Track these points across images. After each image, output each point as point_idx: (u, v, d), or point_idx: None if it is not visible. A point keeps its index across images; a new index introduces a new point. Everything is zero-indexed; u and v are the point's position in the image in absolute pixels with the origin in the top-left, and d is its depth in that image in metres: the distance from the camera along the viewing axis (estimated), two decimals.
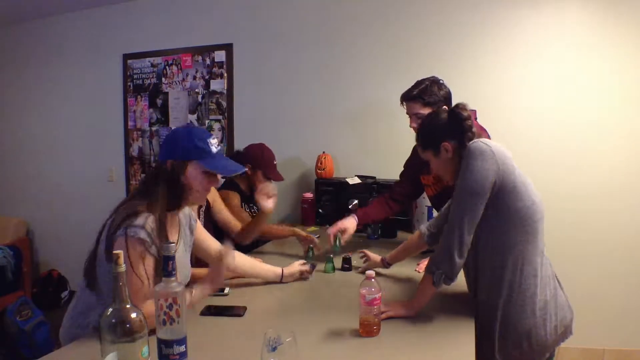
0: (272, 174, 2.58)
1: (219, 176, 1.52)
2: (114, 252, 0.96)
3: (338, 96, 3.23)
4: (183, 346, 1.05)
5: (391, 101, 3.11)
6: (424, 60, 3.01)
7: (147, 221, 1.32)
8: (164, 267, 1.06)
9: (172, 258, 1.06)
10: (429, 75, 2.97)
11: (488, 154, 1.34)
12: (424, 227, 1.77)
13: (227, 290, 1.72)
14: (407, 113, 2.12)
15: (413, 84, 2.12)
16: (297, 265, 1.87)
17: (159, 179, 1.39)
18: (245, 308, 1.54)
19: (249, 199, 2.68)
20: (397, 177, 2.95)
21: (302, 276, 1.88)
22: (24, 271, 3.86)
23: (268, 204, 2.02)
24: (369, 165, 3.13)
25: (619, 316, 2.68)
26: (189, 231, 1.60)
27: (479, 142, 1.38)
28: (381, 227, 2.63)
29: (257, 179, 2.57)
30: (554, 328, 1.40)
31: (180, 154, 1.40)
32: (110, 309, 0.96)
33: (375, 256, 1.97)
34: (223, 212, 2.28)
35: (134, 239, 1.28)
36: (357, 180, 2.93)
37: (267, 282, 1.86)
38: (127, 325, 0.96)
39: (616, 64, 2.67)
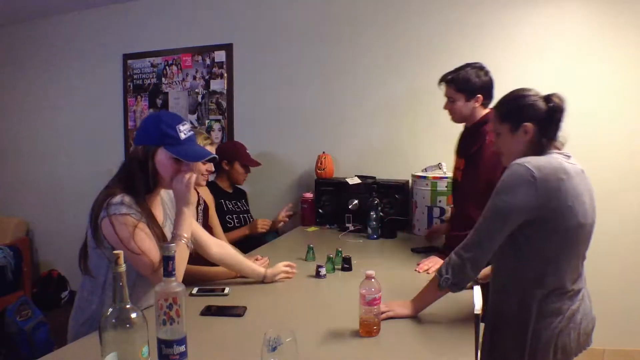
0: (247, 161, 2.75)
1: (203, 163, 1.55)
2: (114, 252, 0.96)
3: (338, 96, 3.23)
4: (183, 346, 1.05)
5: (391, 101, 3.13)
6: (424, 60, 3.01)
7: (123, 199, 1.38)
8: (164, 267, 1.06)
9: (172, 258, 1.06)
10: (429, 74, 3.00)
11: (527, 181, 1.25)
12: None
13: (227, 290, 1.72)
14: (444, 95, 2.17)
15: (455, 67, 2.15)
16: (280, 266, 1.86)
17: (132, 164, 1.44)
18: (245, 308, 1.54)
19: (231, 196, 2.72)
20: (397, 177, 2.96)
21: (287, 277, 1.87)
22: (24, 271, 3.86)
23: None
24: (369, 165, 3.13)
25: (619, 316, 2.68)
26: (170, 205, 1.63)
27: (524, 165, 1.28)
28: (381, 227, 2.63)
29: (236, 172, 2.73)
30: (577, 336, 1.37)
31: (149, 140, 1.44)
32: (110, 309, 0.96)
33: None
34: (214, 218, 2.32)
35: (117, 216, 1.34)
36: (357, 180, 2.93)
37: (267, 283, 1.87)
38: (127, 325, 0.96)
39: (616, 64, 2.67)
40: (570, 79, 2.74)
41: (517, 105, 1.39)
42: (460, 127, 2.29)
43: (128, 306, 0.97)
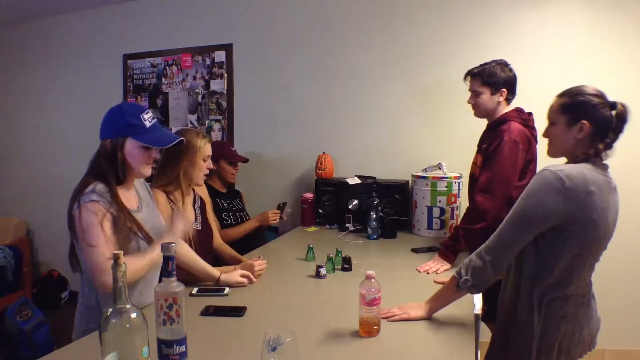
0: (232, 158, 2.78)
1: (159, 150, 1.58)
2: (114, 252, 0.96)
3: (338, 96, 3.23)
4: (183, 346, 1.05)
5: (392, 101, 3.13)
6: (423, 60, 3.02)
7: (95, 187, 1.41)
8: (164, 267, 1.06)
9: (172, 258, 1.06)
10: (429, 74, 3.01)
11: (557, 189, 1.24)
12: None
13: (226, 290, 1.72)
14: (469, 89, 2.22)
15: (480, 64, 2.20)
16: (236, 276, 1.79)
17: (100, 158, 1.48)
18: (245, 308, 1.54)
19: (225, 196, 2.74)
20: (397, 177, 2.96)
21: (242, 285, 1.80)
22: (24, 271, 3.86)
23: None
24: (369, 165, 3.13)
25: (619, 316, 2.68)
26: (149, 196, 1.68)
27: (555, 173, 1.26)
28: (381, 227, 2.63)
29: (224, 170, 2.77)
30: (582, 338, 1.37)
31: (115, 132, 1.48)
32: (110, 309, 0.96)
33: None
34: (210, 215, 2.33)
35: (86, 204, 1.38)
36: (357, 180, 2.93)
37: (267, 282, 1.87)
38: (127, 325, 0.96)
39: (616, 63, 2.67)
40: (570, 78, 2.73)
41: (583, 101, 1.36)
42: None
43: (128, 306, 0.97)
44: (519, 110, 2.16)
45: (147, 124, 1.50)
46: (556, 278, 1.32)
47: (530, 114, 2.15)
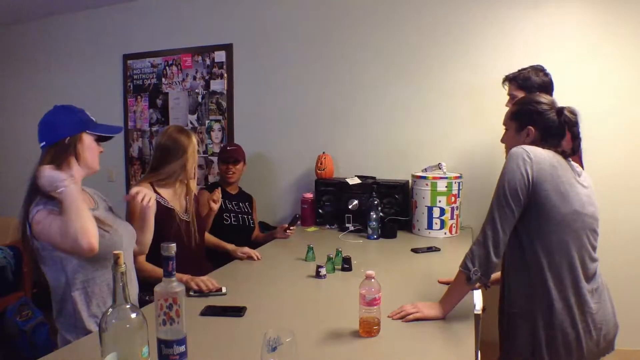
0: (223, 156, 2.85)
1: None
2: (114, 252, 0.96)
3: (338, 96, 3.23)
4: (183, 346, 1.05)
5: (392, 101, 3.13)
6: (423, 60, 3.02)
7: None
8: (164, 267, 1.06)
9: (172, 258, 1.06)
10: (429, 74, 3.01)
11: (523, 158, 1.35)
12: None
13: (224, 289, 1.72)
14: (507, 94, 2.30)
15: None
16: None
17: (55, 157, 1.50)
18: (245, 308, 1.54)
19: (233, 197, 2.84)
20: (397, 177, 2.96)
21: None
22: (24, 272, 3.86)
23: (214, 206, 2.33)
24: (369, 165, 3.13)
25: (619, 316, 2.67)
26: (99, 198, 1.73)
27: (519, 147, 1.39)
28: (381, 227, 2.63)
29: (221, 170, 2.88)
30: (596, 341, 1.36)
31: (70, 130, 1.55)
32: (110, 309, 0.96)
33: None
34: (210, 215, 2.42)
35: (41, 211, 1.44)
36: (357, 180, 2.93)
37: (267, 282, 1.86)
38: (127, 325, 0.96)
39: (616, 64, 2.67)
40: (570, 79, 2.74)
41: (529, 109, 1.48)
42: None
43: (128, 306, 0.97)
44: None
45: (94, 119, 1.62)
46: (551, 265, 1.34)
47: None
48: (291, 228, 2.64)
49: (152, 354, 1.02)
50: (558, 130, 1.45)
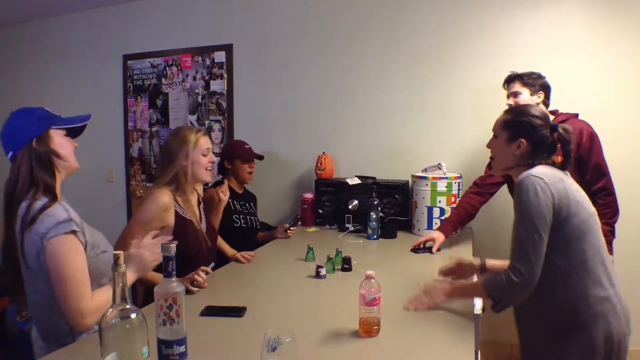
0: (246, 156, 2.73)
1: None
2: (114, 252, 0.96)
3: (338, 96, 3.23)
4: (183, 346, 1.05)
5: (391, 101, 3.13)
6: (423, 60, 3.02)
7: (68, 208, 1.34)
8: (164, 267, 1.06)
9: (172, 258, 1.06)
10: (429, 74, 3.01)
11: (540, 186, 1.33)
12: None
13: (211, 265, 1.78)
14: (508, 93, 2.31)
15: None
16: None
17: (32, 166, 1.33)
18: (245, 308, 1.54)
19: (240, 197, 2.74)
20: (397, 177, 2.96)
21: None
22: None
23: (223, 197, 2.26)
24: (369, 165, 3.13)
25: None
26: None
27: (529, 176, 1.36)
28: (381, 227, 2.63)
29: (239, 169, 2.73)
30: (603, 343, 1.34)
31: (34, 130, 1.36)
32: (110, 309, 0.96)
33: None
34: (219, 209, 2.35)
35: (67, 235, 1.28)
36: (357, 181, 2.93)
37: (267, 282, 1.86)
38: (127, 326, 0.96)
39: (615, 64, 2.67)
40: (571, 79, 2.74)
41: (524, 121, 1.46)
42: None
43: (128, 306, 0.97)
44: (553, 113, 2.24)
45: (56, 113, 1.45)
46: (581, 271, 1.34)
47: (555, 112, 2.22)
48: (292, 228, 2.63)
49: (152, 354, 1.02)
50: (550, 147, 1.46)
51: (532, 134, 1.45)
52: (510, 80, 2.29)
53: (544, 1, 2.76)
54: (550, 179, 1.35)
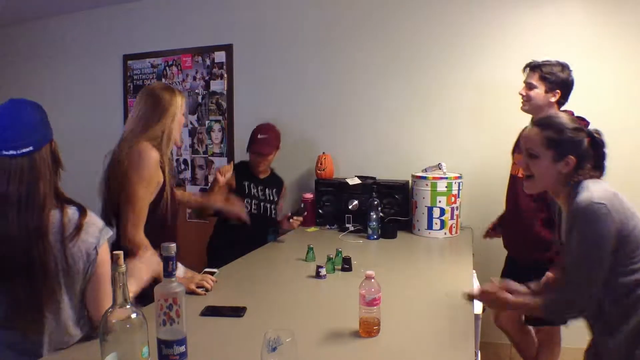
0: (251, 145, 2.69)
1: None
2: (115, 252, 0.96)
3: (338, 96, 3.23)
4: (183, 346, 1.05)
5: (391, 101, 3.13)
6: (423, 60, 3.02)
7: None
8: (164, 267, 1.06)
9: (173, 258, 1.06)
10: (428, 74, 3.01)
11: (603, 213, 1.29)
12: None
13: (216, 272, 1.81)
14: (524, 81, 2.16)
15: None
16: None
17: (48, 165, 1.22)
18: (245, 308, 1.54)
19: (260, 182, 2.74)
20: (397, 177, 2.95)
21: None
22: None
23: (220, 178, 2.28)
24: (369, 165, 3.13)
25: None
26: None
27: (590, 202, 1.31)
28: (381, 227, 2.63)
29: (250, 158, 2.73)
30: None
31: (51, 128, 1.31)
32: (110, 309, 0.96)
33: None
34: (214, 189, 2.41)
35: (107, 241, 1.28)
36: (357, 181, 2.93)
37: (267, 282, 1.86)
38: (127, 326, 0.96)
39: (616, 64, 2.67)
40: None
41: (568, 138, 1.41)
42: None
43: (128, 306, 0.97)
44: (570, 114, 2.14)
45: None
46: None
47: (583, 119, 2.01)
48: (295, 218, 2.61)
49: (152, 354, 1.02)
50: (591, 156, 1.41)
51: (578, 149, 1.40)
52: (530, 67, 2.15)
53: (544, 1, 2.76)
54: (610, 202, 1.31)
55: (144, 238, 1.69)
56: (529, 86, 2.12)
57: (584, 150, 1.40)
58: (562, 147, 1.40)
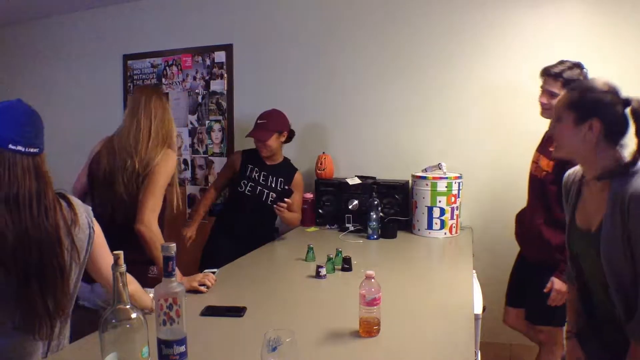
0: (250, 133, 2.70)
1: None
2: (115, 252, 0.96)
3: (338, 96, 3.23)
4: (183, 346, 1.05)
5: (391, 101, 3.13)
6: (423, 60, 3.02)
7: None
8: (164, 267, 1.06)
9: (173, 258, 1.06)
10: (428, 74, 3.01)
11: None
12: None
13: (216, 272, 1.81)
14: (542, 87, 2.07)
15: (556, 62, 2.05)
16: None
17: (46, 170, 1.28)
18: (245, 308, 1.54)
19: (265, 168, 2.71)
20: (397, 177, 2.96)
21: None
22: None
23: None
24: (369, 165, 3.13)
25: None
26: None
27: None
28: (381, 227, 2.63)
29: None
30: None
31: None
32: (111, 309, 0.96)
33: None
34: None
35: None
36: (357, 181, 2.93)
37: (267, 282, 1.86)
38: (127, 325, 0.96)
39: (616, 63, 2.67)
40: None
41: (593, 97, 1.27)
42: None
43: (128, 306, 0.97)
44: None
45: None
46: None
47: None
48: (279, 203, 2.46)
49: (152, 354, 1.02)
50: (624, 126, 1.24)
51: (604, 113, 1.23)
52: (549, 75, 2.03)
53: (545, 2, 2.76)
54: None
55: (157, 225, 1.80)
56: (551, 94, 2.01)
57: (614, 117, 1.23)
58: (584, 108, 1.26)
